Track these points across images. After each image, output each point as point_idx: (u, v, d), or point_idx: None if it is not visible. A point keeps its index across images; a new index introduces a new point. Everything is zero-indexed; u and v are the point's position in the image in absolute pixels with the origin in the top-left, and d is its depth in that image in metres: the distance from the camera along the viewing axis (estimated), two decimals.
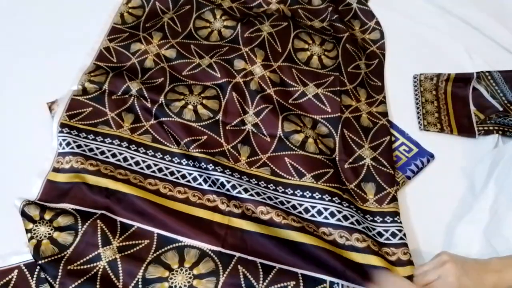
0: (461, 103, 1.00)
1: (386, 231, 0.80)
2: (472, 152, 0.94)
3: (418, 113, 1.00)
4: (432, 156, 0.92)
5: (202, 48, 1.01)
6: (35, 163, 0.82)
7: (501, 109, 0.98)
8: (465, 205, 0.85)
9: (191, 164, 0.83)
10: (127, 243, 0.74)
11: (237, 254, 0.74)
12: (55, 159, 0.82)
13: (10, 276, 0.69)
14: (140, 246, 0.74)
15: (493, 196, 0.80)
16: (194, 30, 1.05)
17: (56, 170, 0.80)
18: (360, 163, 0.88)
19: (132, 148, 0.84)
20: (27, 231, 0.73)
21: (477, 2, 1.18)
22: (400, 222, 0.81)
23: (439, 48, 1.12)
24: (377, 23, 1.14)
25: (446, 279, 0.67)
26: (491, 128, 0.95)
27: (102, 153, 0.83)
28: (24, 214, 0.74)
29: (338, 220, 0.78)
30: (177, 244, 0.75)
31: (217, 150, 0.86)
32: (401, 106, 1.01)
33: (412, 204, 0.87)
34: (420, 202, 0.87)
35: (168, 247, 0.74)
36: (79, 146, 0.82)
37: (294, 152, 0.87)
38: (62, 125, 0.84)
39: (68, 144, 0.81)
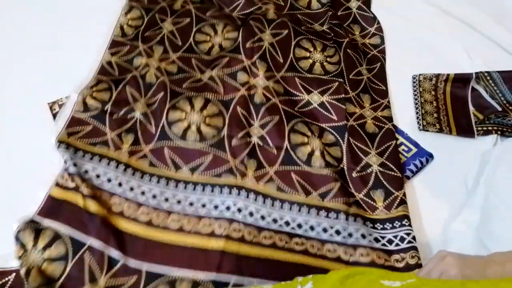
0: (460, 103, 1.01)
1: (396, 237, 0.80)
2: (471, 152, 0.94)
3: (417, 113, 1.00)
4: (431, 156, 0.93)
5: (203, 62, 1.00)
6: (35, 163, 0.82)
7: (500, 109, 0.99)
8: (461, 204, 0.86)
9: (193, 188, 0.82)
10: (115, 280, 0.71)
11: (232, 280, 0.72)
12: (59, 174, 0.80)
13: (7, 278, 0.70)
14: (129, 284, 0.71)
15: (483, 195, 0.81)
16: (194, 44, 1.04)
17: (58, 185, 0.79)
18: (368, 171, 0.88)
19: (129, 173, 0.83)
20: (18, 257, 0.71)
21: (476, 2, 1.18)
22: (409, 225, 0.81)
23: (438, 49, 1.12)
24: (378, 28, 1.14)
25: (449, 273, 0.67)
26: (490, 128, 0.95)
27: (98, 176, 0.81)
28: (17, 239, 0.73)
29: (343, 237, 0.79)
30: (167, 277, 0.72)
31: (223, 169, 0.85)
32: (400, 107, 1.01)
33: (411, 204, 0.87)
34: (419, 202, 0.88)
35: (158, 280, 0.72)
36: (75, 165, 0.81)
37: (300, 168, 0.86)
38: (61, 142, 0.83)
39: (65, 161, 0.81)
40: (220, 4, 1.12)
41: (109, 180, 0.81)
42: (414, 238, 0.80)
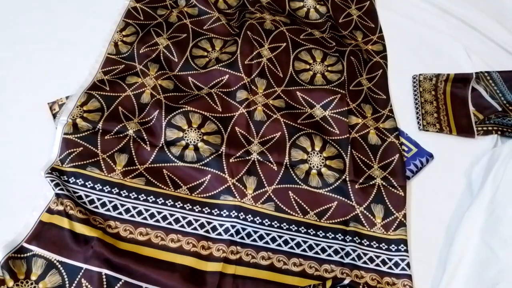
0: (460, 103, 1.01)
1: (390, 259, 0.81)
2: (472, 152, 0.95)
3: (417, 113, 1.00)
4: (431, 156, 0.93)
5: (200, 80, 0.99)
6: (34, 163, 0.82)
7: (500, 109, 0.99)
8: (464, 205, 0.86)
9: (191, 208, 0.82)
10: None
11: None
12: (52, 199, 0.78)
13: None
14: None
15: (490, 196, 0.81)
16: (191, 59, 1.02)
17: (49, 211, 0.77)
18: (371, 183, 0.88)
19: (123, 194, 0.82)
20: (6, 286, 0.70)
21: (476, 3, 1.18)
22: (404, 251, 0.81)
23: (439, 49, 1.12)
24: (380, 37, 1.14)
25: None
26: (490, 128, 0.96)
27: (92, 202, 0.80)
28: (7, 267, 0.71)
29: (341, 257, 0.80)
30: None
31: (222, 188, 0.84)
32: (400, 107, 1.02)
33: (411, 204, 0.88)
34: (419, 202, 0.89)
35: None
36: (67, 191, 0.79)
37: (298, 186, 0.86)
38: (53, 169, 0.81)
39: (57, 185, 0.78)
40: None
41: (103, 205, 0.81)
42: (408, 265, 0.80)
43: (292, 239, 0.82)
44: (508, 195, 0.79)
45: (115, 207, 0.80)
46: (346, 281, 0.73)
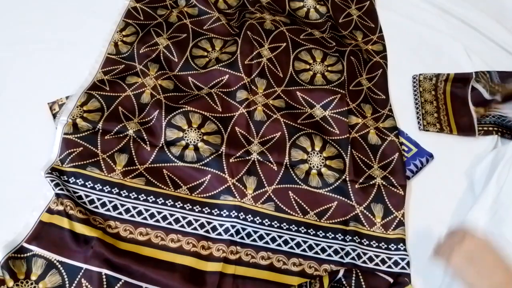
0: (461, 103, 1.01)
1: (389, 258, 0.81)
2: (472, 152, 0.95)
3: (417, 113, 1.00)
4: (431, 156, 0.93)
5: (200, 79, 0.99)
6: (34, 163, 0.82)
7: (500, 100, 0.98)
8: (464, 205, 0.86)
9: (191, 208, 0.82)
10: None
11: None
12: (52, 199, 0.79)
13: None
14: None
15: (493, 196, 0.81)
16: (191, 59, 1.02)
17: (49, 211, 0.77)
18: (371, 183, 0.88)
19: (123, 194, 0.82)
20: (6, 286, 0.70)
21: (476, 3, 1.18)
22: (404, 250, 0.82)
23: (439, 48, 1.12)
24: (380, 37, 1.14)
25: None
26: (490, 128, 0.96)
27: (92, 202, 0.80)
28: (6, 267, 0.71)
29: (341, 257, 0.81)
30: None
31: (222, 188, 0.84)
32: (400, 107, 1.02)
33: (411, 204, 0.88)
34: (419, 202, 0.89)
35: None
36: (67, 191, 0.79)
37: (298, 186, 0.86)
38: (53, 169, 0.81)
39: (57, 185, 0.78)
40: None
41: (103, 205, 0.81)
42: (408, 264, 0.80)
43: (292, 239, 0.82)
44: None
45: (115, 207, 0.80)
46: (341, 274, 0.73)
